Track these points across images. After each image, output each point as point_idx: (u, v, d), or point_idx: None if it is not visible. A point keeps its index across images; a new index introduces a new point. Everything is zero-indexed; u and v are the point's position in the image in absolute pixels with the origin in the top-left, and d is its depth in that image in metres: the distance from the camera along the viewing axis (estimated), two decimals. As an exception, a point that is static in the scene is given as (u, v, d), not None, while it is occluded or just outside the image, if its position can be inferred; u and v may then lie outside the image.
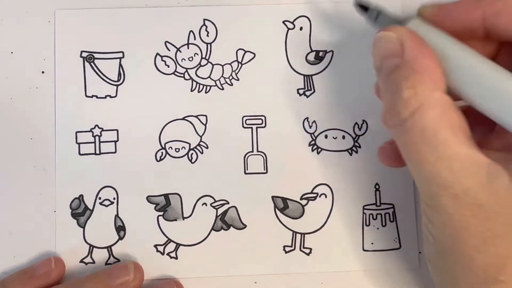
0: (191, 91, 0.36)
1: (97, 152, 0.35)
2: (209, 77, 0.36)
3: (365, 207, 0.35)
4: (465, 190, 0.25)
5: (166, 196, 0.35)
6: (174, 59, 0.36)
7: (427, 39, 0.26)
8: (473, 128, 0.27)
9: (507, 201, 0.25)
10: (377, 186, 0.35)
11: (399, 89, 0.26)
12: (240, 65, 0.36)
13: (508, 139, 0.27)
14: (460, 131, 0.25)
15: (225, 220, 0.35)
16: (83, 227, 0.35)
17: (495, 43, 0.28)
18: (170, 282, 0.34)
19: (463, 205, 0.25)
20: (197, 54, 0.36)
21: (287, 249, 0.35)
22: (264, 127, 0.36)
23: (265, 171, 0.35)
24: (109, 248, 0.35)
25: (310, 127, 0.36)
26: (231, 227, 0.35)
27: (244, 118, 0.36)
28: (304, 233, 0.35)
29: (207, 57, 0.36)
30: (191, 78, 0.36)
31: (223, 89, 0.36)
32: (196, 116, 0.36)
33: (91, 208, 0.35)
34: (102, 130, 0.35)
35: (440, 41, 0.26)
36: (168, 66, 0.36)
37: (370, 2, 0.30)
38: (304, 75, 0.36)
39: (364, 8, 0.30)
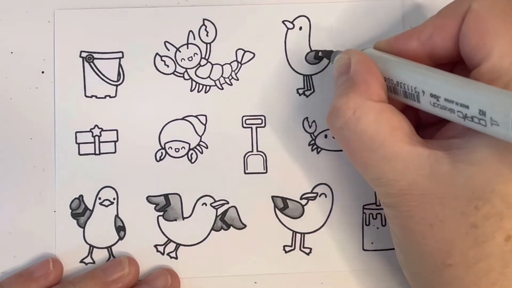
0: (191, 91, 0.36)
1: (97, 152, 0.35)
2: (209, 77, 0.36)
3: (365, 207, 0.35)
4: (410, 184, 0.27)
5: (166, 196, 0.35)
6: (174, 59, 0.36)
7: (377, 60, 0.30)
8: (425, 122, 0.32)
9: (449, 185, 0.26)
10: (377, 186, 0.35)
11: (337, 100, 0.29)
12: (239, 65, 0.36)
13: (450, 128, 0.29)
14: (398, 131, 0.28)
15: (225, 220, 0.35)
16: (83, 227, 0.35)
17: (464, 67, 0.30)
18: (163, 271, 0.34)
19: (409, 197, 0.27)
20: (197, 54, 0.36)
21: (287, 249, 0.35)
22: (264, 127, 0.36)
23: (265, 171, 0.35)
24: (109, 248, 0.35)
25: (310, 126, 0.36)
26: (231, 227, 0.35)
27: (244, 118, 0.36)
28: (304, 233, 0.35)
29: (206, 57, 0.36)
30: (190, 78, 0.36)
31: (222, 89, 0.36)
32: (196, 116, 0.36)
33: (91, 208, 0.35)
34: (102, 130, 0.35)
35: (386, 60, 0.30)
36: (168, 66, 0.36)
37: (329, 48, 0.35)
38: (303, 75, 0.36)
39: (328, 54, 0.35)
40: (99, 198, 0.35)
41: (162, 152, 0.35)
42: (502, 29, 0.27)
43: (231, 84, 0.36)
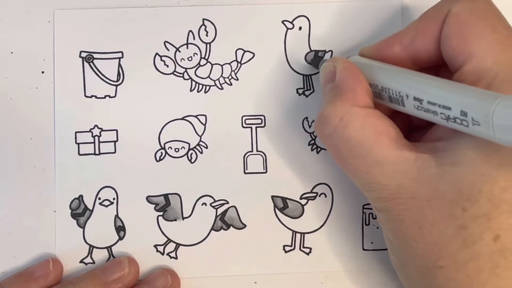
0: (191, 91, 0.36)
1: (97, 152, 0.35)
2: (209, 77, 0.36)
3: (365, 206, 0.35)
4: (399, 188, 0.27)
5: (165, 196, 0.35)
6: (173, 59, 0.36)
7: (362, 67, 0.30)
8: (417, 125, 0.32)
9: (436, 188, 0.27)
10: (376, 186, 0.35)
11: (324, 107, 0.29)
12: (239, 64, 0.36)
13: (436, 131, 0.29)
14: (384, 136, 0.28)
15: (225, 220, 0.35)
16: (83, 227, 0.35)
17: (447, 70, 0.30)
18: (163, 271, 0.34)
19: (399, 200, 0.28)
20: (196, 54, 0.36)
21: (287, 248, 0.35)
22: (264, 126, 0.36)
23: (264, 171, 0.35)
24: (109, 248, 0.35)
25: (310, 126, 0.36)
26: (231, 227, 0.35)
27: (244, 118, 0.36)
28: (304, 233, 0.35)
29: (206, 57, 0.36)
30: (190, 78, 0.36)
31: (222, 89, 0.36)
32: (196, 116, 0.36)
33: (91, 209, 0.35)
34: (102, 130, 0.35)
35: (370, 67, 0.30)
36: (167, 66, 0.36)
37: (318, 56, 0.36)
38: (303, 75, 0.36)
39: (315, 61, 0.35)
40: (99, 198, 0.35)
41: (162, 152, 0.35)
42: (482, 31, 0.28)
43: (231, 84, 0.36)
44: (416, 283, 0.29)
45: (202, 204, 0.35)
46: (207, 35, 0.36)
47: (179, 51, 0.36)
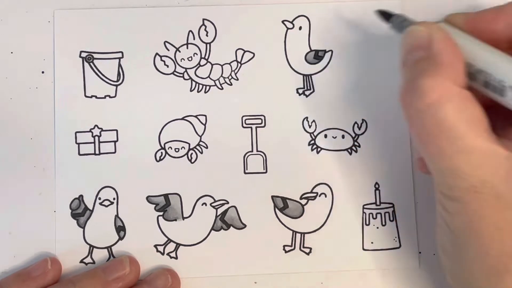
0: (191, 91, 0.36)
1: (97, 152, 0.35)
2: (209, 77, 0.36)
3: (365, 206, 0.35)
4: (483, 182, 0.25)
5: (166, 196, 0.35)
6: (174, 59, 0.36)
7: (456, 40, 0.27)
8: (498, 120, 0.28)
9: None
10: (376, 185, 0.35)
11: (421, 79, 0.26)
12: (239, 64, 0.36)
13: None
14: (479, 125, 0.26)
15: (225, 220, 0.35)
16: (83, 227, 0.35)
17: None
18: (164, 271, 0.34)
19: (480, 195, 0.25)
20: (197, 54, 0.36)
21: (287, 248, 0.35)
22: (264, 126, 0.36)
23: (264, 171, 0.35)
24: (109, 248, 0.35)
25: (310, 126, 0.36)
26: (231, 227, 0.35)
27: (244, 118, 0.36)
28: (304, 233, 0.35)
29: (206, 57, 0.36)
30: (190, 78, 0.36)
31: (222, 89, 0.36)
32: (196, 116, 0.36)
33: (91, 208, 0.35)
34: (102, 130, 0.35)
35: (467, 41, 0.27)
36: (168, 66, 0.36)
37: (393, 10, 0.32)
38: (303, 75, 0.36)
39: (387, 15, 0.31)
40: (99, 198, 0.35)
41: (162, 152, 0.35)
42: None
43: (231, 84, 0.36)
44: (476, 285, 0.27)
45: (202, 204, 0.35)
46: (207, 35, 0.36)
47: (179, 51, 0.36)
